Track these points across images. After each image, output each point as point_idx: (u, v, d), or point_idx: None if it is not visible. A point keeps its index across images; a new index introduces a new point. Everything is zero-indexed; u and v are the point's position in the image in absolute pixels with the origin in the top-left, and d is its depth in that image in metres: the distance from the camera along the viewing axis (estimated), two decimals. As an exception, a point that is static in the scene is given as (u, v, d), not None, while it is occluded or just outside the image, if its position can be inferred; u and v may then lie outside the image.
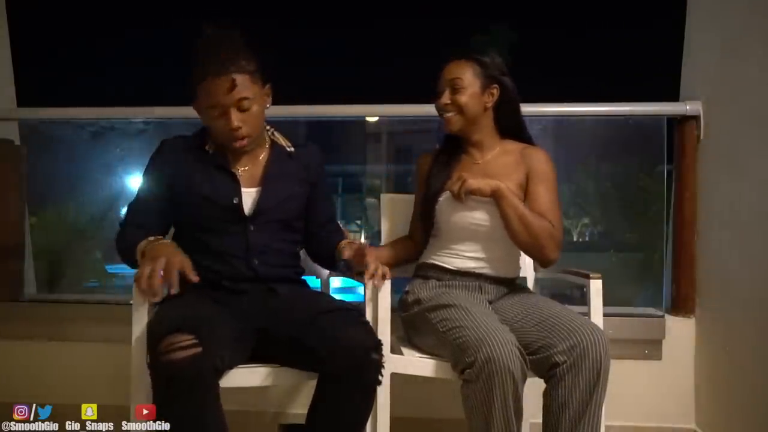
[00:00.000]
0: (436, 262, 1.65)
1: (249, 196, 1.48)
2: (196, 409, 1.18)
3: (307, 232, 1.62)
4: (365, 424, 1.36)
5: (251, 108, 1.39)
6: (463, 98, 1.60)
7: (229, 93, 1.35)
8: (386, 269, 1.45)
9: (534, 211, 1.55)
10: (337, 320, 1.34)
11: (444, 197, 1.63)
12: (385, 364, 1.31)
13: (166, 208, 1.49)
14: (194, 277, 1.25)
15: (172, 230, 1.58)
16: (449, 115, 1.63)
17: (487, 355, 1.27)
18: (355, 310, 1.42)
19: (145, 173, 1.51)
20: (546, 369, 1.38)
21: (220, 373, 1.24)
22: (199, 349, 1.16)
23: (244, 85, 1.36)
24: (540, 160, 1.63)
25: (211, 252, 1.46)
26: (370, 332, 1.35)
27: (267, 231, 1.48)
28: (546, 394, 1.40)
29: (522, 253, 1.69)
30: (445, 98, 1.62)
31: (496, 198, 1.53)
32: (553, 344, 1.36)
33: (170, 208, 1.49)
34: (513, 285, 1.69)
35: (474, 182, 1.52)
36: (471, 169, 1.65)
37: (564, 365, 1.34)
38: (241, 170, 1.50)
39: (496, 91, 1.63)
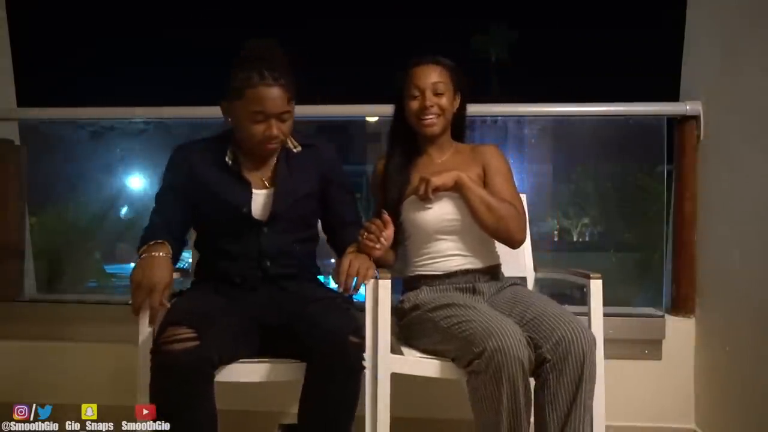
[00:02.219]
0: (421, 272, 1.65)
1: (259, 198, 1.53)
2: (188, 399, 1.25)
3: (331, 230, 1.66)
4: (353, 411, 1.37)
5: (287, 122, 1.47)
6: (445, 102, 1.65)
7: (276, 104, 1.43)
8: (368, 272, 1.46)
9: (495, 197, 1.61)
10: (322, 308, 1.40)
11: (408, 201, 1.65)
12: (382, 357, 1.35)
13: (186, 211, 1.55)
14: (166, 304, 1.34)
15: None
16: (434, 118, 1.65)
17: (495, 345, 1.27)
18: (341, 298, 1.48)
19: (163, 180, 1.56)
20: (536, 365, 1.38)
21: (215, 365, 1.31)
22: (196, 343, 1.24)
23: (288, 100, 1.45)
24: (493, 154, 1.70)
25: (226, 254, 1.52)
26: (351, 317, 1.39)
27: (280, 233, 1.53)
28: (536, 393, 1.40)
29: (518, 250, 1.69)
30: (431, 100, 1.63)
31: (459, 187, 1.58)
32: (540, 345, 1.37)
33: (190, 211, 1.55)
34: (498, 275, 1.69)
35: (437, 179, 1.57)
36: (429, 170, 1.66)
37: (548, 364, 1.35)
38: (253, 174, 1.54)
39: (458, 100, 1.70)
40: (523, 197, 1.91)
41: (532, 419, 1.36)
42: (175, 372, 1.22)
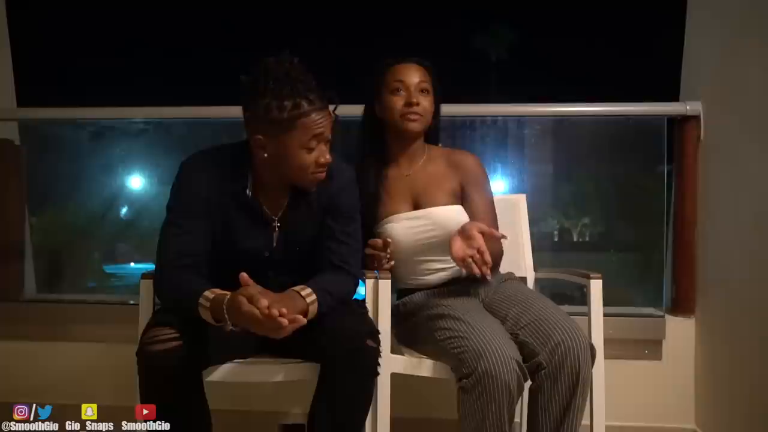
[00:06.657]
0: (411, 286, 1.62)
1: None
2: (174, 399, 1.24)
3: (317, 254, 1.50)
4: (365, 414, 1.36)
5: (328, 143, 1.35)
6: (429, 104, 1.58)
7: (329, 127, 1.31)
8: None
9: (474, 217, 1.55)
10: (337, 310, 1.35)
11: (381, 223, 1.60)
12: (383, 358, 1.33)
13: (207, 233, 1.37)
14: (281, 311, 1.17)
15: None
16: (418, 116, 1.56)
17: (484, 370, 1.27)
18: (356, 302, 1.45)
19: (175, 203, 1.37)
20: (532, 371, 1.37)
21: (203, 365, 1.29)
22: (177, 343, 1.22)
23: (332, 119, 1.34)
24: (472, 166, 1.62)
25: (224, 283, 1.33)
26: (368, 321, 1.38)
27: (286, 269, 1.43)
28: (530, 393, 1.40)
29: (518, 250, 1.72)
30: (417, 97, 1.54)
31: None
32: (537, 351, 1.36)
33: (209, 232, 1.37)
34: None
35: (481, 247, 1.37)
36: (402, 183, 1.62)
37: (543, 371, 1.35)
38: (271, 211, 1.42)
39: (434, 106, 1.61)
40: (523, 197, 1.92)
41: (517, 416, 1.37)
42: (157, 373, 1.21)
